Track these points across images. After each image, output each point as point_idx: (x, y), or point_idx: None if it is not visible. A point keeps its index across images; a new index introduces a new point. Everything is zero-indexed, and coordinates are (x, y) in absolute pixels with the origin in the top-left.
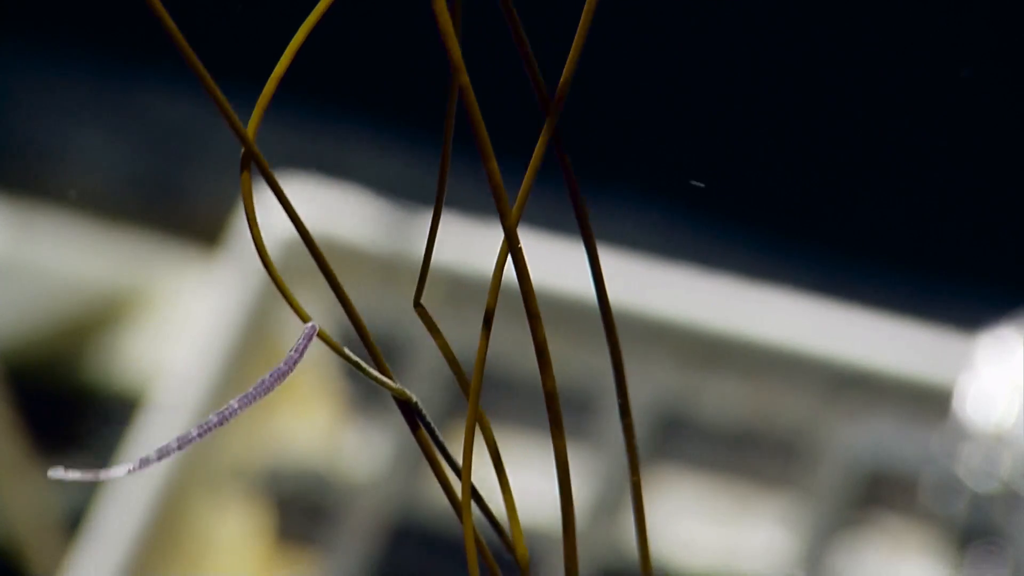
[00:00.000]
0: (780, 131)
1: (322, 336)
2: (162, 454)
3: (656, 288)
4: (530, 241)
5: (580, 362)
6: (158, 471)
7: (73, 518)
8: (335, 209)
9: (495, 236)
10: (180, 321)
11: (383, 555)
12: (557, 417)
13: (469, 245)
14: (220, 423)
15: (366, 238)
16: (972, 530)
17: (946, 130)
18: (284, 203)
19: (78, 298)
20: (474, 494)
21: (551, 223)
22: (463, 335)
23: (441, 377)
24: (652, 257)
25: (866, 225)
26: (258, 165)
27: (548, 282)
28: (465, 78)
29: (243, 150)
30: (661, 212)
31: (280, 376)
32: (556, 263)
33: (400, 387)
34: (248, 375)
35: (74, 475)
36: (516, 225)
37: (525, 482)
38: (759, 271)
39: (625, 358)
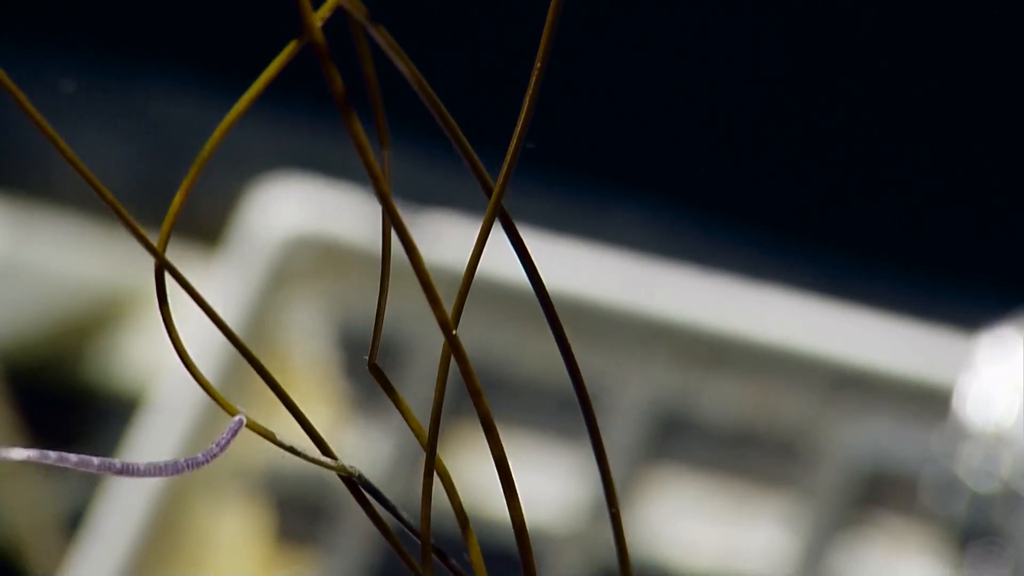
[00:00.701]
0: (780, 131)
1: (251, 426)
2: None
3: (656, 288)
4: (530, 241)
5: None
6: None
7: (73, 518)
8: (335, 209)
9: (494, 236)
10: (180, 321)
11: (383, 555)
12: (510, 482)
13: (469, 245)
14: (124, 471)
15: (366, 238)
16: (972, 530)
17: (946, 129)
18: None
19: (78, 298)
20: (438, 553)
21: (551, 223)
22: (461, 336)
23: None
24: (652, 257)
25: (866, 225)
26: (174, 276)
27: (549, 282)
28: (386, 186)
29: (155, 264)
30: (661, 212)
31: (196, 464)
32: (556, 263)
33: (340, 464)
34: (248, 375)
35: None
36: (457, 321)
37: (526, 483)
38: (759, 271)
39: (625, 358)
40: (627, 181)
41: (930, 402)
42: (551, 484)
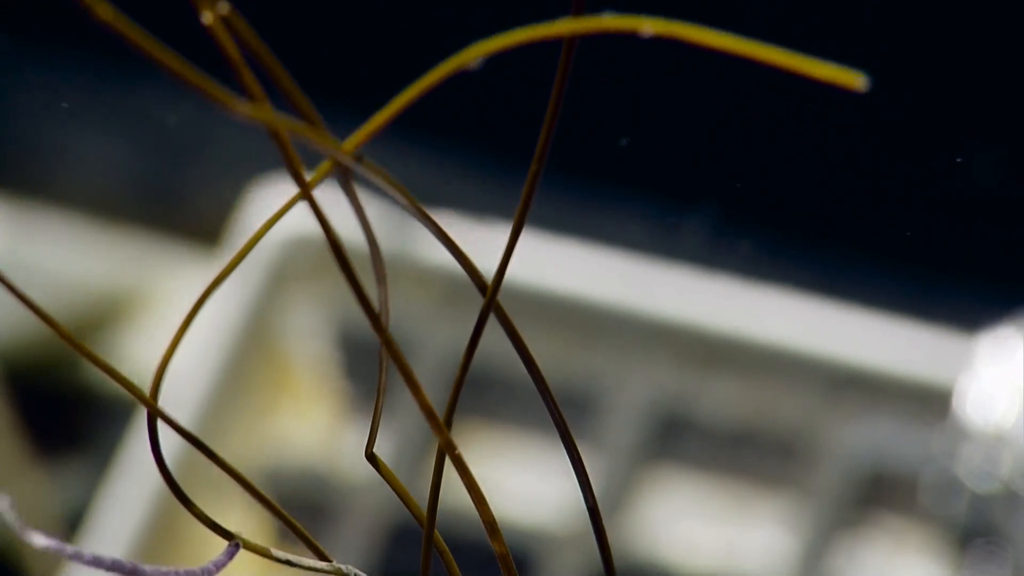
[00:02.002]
0: (780, 131)
1: (247, 546)
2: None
3: (656, 288)
4: (530, 241)
5: (580, 362)
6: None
7: (73, 518)
8: (335, 209)
9: (495, 236)
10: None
11: (383, 555)
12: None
13: (469, 245)
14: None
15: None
16: (972, 530)
17: (946, 129)
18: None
19: (78, 298)
20: None
21: (551, 223)
22: (462, 335)
23: (442, 379)
24: (652, 257)
25: (866, 225)
26: (165, 420)
27: (548, 282)
28: (385, 323)
29: (147, 411)
30: (661, 212)
31: None
32: (556, 263)
33: (335, 566)
34: (248, 375)
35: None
36: (451, 435)
37: (526, 482)
38: (759, 271)
39: (625, 358)
40: (627, 181)
41: (930, 402)
42: (550, 484)
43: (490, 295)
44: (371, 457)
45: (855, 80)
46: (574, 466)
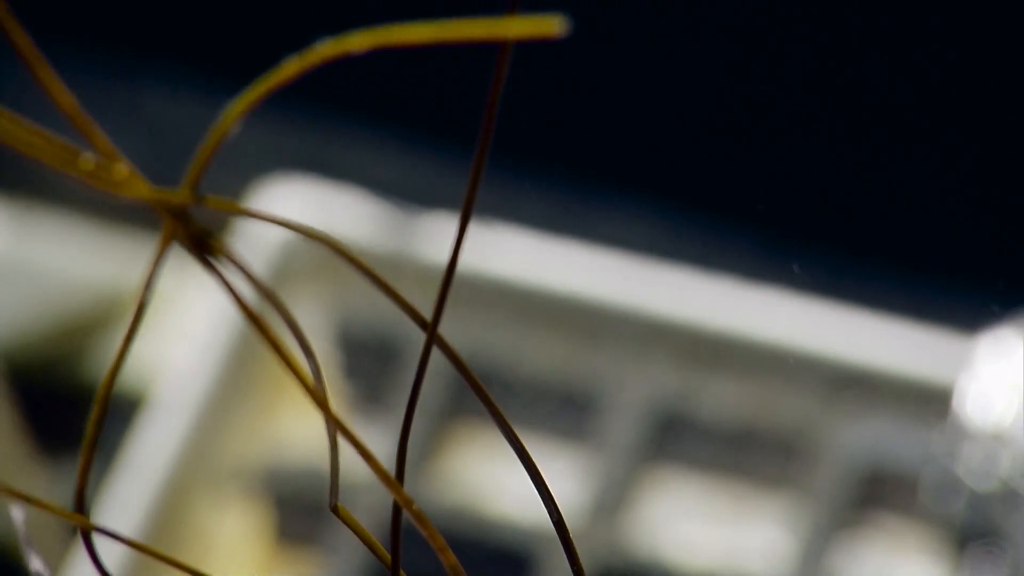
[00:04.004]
0: (779, 131)
1: None
2: None
3: (656, 288)
4: (531, 241)
5: (580, 362)
6: (158, 471)
7: None
8: (335, 209)
9: (496, 237)
10: (180, 321)
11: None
12: None
13: (469, 245)
14: None
15: (366, 238)
16: (972, 530)
17: (946, 129)
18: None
19: (78, 298)
20: None
21: (551, 223)
22: (461, 336)
23: (440, 377)
24: (652, 257)
25: (866, 225)
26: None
27: (548, 282)
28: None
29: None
30: (661, 212)
31: None
32: (556, 263)
33: None
34: (248, 375)
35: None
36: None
37: (526, 482)
38: (759, 271)
39: (625, 358)
40: (627, 181)
41: (930, 402)
42: (550, 484)
43: (431, 328)
44: (335, 509)
45: (552, 26)
46: (535, 483)
